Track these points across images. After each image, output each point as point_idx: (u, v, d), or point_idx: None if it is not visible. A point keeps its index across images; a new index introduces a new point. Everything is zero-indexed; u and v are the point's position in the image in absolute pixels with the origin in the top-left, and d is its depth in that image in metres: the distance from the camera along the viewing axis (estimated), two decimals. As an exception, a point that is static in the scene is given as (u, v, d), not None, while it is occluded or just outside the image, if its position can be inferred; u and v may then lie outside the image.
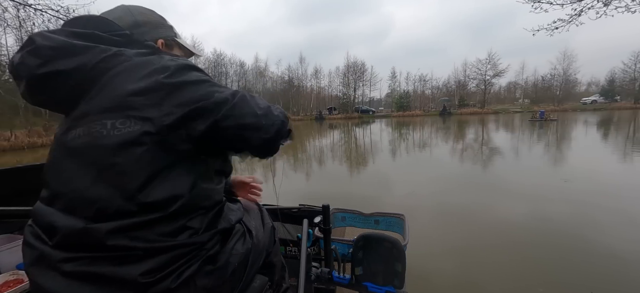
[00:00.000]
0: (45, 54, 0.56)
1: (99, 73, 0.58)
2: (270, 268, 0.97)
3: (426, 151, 10.35)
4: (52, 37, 0.57)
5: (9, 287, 1.02)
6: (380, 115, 48.52)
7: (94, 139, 0.54)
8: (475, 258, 2.72)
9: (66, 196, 0.53)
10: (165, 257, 0.52)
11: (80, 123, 0.56)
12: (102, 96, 0.57)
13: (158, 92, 0.56)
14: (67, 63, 0.56)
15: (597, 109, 39.01)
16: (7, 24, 7.66)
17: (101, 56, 0.58)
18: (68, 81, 0.57)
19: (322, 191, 5.48)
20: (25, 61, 0.57)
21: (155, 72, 0.57)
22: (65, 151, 0.56)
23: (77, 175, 0.53)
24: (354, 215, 2.28)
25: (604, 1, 4.42)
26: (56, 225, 0.51)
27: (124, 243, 0.50)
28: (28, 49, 0.57)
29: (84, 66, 0.57)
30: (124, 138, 0.53)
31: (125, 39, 0.64)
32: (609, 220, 3.44)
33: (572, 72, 47.66)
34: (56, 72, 0.56)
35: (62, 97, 0.60)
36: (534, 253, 2.76)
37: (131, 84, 0.56)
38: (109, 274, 0.49)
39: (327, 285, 1.49)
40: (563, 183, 5.10)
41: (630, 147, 8.86)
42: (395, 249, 1.41)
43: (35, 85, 0.58)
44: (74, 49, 0.58)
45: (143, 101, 0.55)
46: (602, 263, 2.52)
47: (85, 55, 0.58)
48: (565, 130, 15.43)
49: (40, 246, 0.52)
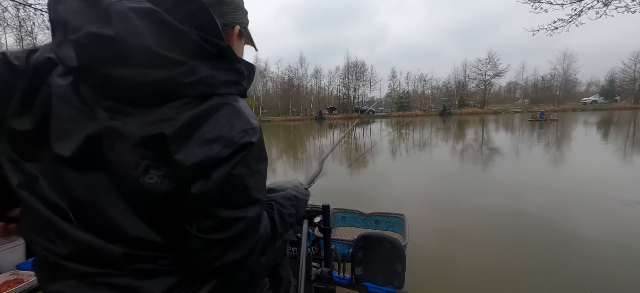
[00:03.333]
0: (119, 54, 0.43)
1: (166, 98, 0.46)
2: (278, 280, 0.97)
3: (426, 151, 10.35)
4: (139, 30, 0.43)
5: (9, 286, 1.02)
6: (380, 115, 48.52)
7: (128, 170, 0.45)
8: (476, 257, 2.72)
9: (74, 201, 0.47)
10: (183, 276, 0.52)
11: (117, 140, 0.45)
12: (149, 125, 0.44)
13: (203, 168, 0.45)
14: (144, 75, 0.44)
15: (597, 109, 39.03)
16: (7, 23, 7.66)
17: (183, 79, 0.45)
18: (127, 87, 0.45)
19: (322, 189, 5.45)
20: (88, 46, 0.42)
21: (220, 142, 0.46)
22: (90, 154, 0.46)
23: (94, 187, 0.47)
24: (354, 215, 2.28)
25: (604, 1, 4.42)
26: (64, 232, 0.47)
27: (141, 267, 0.49)
28: (98, 32, 0.42)
29: (159, 84, 0.44)
30: (161, 189, 0.45)
31: (219, 51, 0.50)
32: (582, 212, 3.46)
33: (572, 72, 47.78)
34: (123, 78, 0.44)
35: (109, 92, 0.47)
36: (534, 251, 2.77)
37: (188, 142, 0.45)
38: (125, 286, 0.48)
39: (327, 285, 1.49)
40: (557, 182, 5.10)
41: (630, 147, 8.86)
42: (395, 249, 1.41)
43: (80, 73, 0.45)
44: (157, 61, 0.44)
45: (187, 168, 0.45)
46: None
47: (167, 71, 0.44)
48: (565, 130, 15.43)
49: (49, 248, 0.48)
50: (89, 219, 0.47)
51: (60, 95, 0.47)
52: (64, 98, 0.47)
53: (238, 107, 0.51)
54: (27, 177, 0.48)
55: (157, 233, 0.49)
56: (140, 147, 0.44)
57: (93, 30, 0.41)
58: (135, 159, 0.44)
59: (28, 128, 0.48)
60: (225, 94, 0.50)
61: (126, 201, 0.47)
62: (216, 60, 0.49)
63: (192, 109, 0.46)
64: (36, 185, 0.47)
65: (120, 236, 0.47)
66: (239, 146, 0.47)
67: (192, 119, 0.45)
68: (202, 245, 0.49)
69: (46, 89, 0.49)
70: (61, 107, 0.47)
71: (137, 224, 0.47)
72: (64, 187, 0.47)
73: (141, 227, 0.47)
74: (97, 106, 0.46)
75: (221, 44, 0.50)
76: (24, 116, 0.49)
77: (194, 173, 0.45)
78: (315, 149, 11.99)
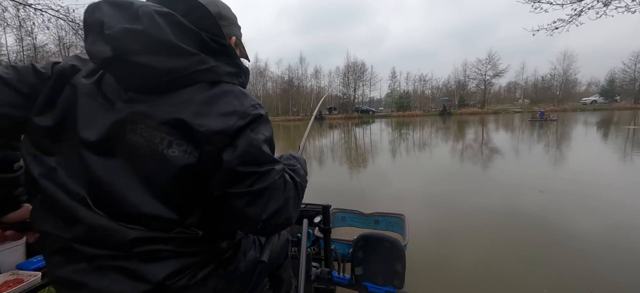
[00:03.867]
0: (146, 44, 0.51)
1: (183, 83, 0.54)
2: (278, 282, 0.98)
3: (425, 151, 10.35)
4: (162, 26, 0.52)
5: (9, 286, 1.02)
6: (380, 115, 48.52)
7: (151, 146, 0.52)
8: (476, 255, 2.72)
9: (94, 186, 0.52)
10: (188, 260, 0.57)
11: (142, 121, 0.52)
12: (172, 108, 0.53)
13: (226, 137, 0.53)
14: (164, 62, 0.52)
15: (597, 109, 39.02)
16: (7, 23, 7.67)
17: (196, 67, 0.54)
18: (151, 74, 0.52)
19: (321, 185, 5.48)
20: (122, 39, 0.50)
21: (235, 115, 0.54)
22: (113, 139, 0.53)
23: (114, 170, 0.53)
24: (354, 214, 2.28)
25: (604, 1, 4.42)
26: (79, 216, 0.51)
27: (148, 248, 0.53)
28: (130, 27, 0.50)
29: (177, 71, 0.53)
30: (182, 162, 0.52)
31: (223, 49, 0.60)
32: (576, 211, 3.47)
33: (572, 72, 47.69)
34: (148, 66, 0.51)
35: (131, 84, 0.54)
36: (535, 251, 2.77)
37: (207, 118, 0.53)
38: (133, 269, 0.52)
39: (327, 285, 1.49)
40: (557, 182, 5.10)
41: (630, 147, 8.86)
42: (395, 249, 1.41)
43: (113, 62, 0.52)
44: (177, 52, 0.53)
45: (209, 138, 0.52)
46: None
47: (183, 60, 0.53)
48: (565, 130, 15.43)
49: (60, 235, 0.53)
50: (105, 201, 0.52)
51: (85, 92, 0.56)
52: (88, 94, 0.56)
53: (244, 90, 0.61)
54: (47, 168, 0.54)
55: (173, 210, 0.54)
56: (165, 124, 0.52)
57: (126, 26, 0.50)
58: (160, 134, 0.52)
59: (49, 124, 0.55)
60: (229, 82, 0.59)
61: (143, 182, 0.53)
62: (220, 55, 0.59)
63: (206, 91, 0.55)
64: (55, 174, 0.53)
65: (134, 216, 0.52)
66: (252, 117, 0.56)
67: (207, 98, 0.54)
68: (249, 200, 0.56)
69: (69, 90, 0.57)
70: (86, 101, 0.55)
71: (154, 203, 0.53)
72: (84, 172, 0.53)
73: (157, 206, 0.53)
74: (118, 99, 0.54)
75: (224, 42, 0.60)
76: (46, 113, 0.56)
77: (218, 142, 0.53)
78: (316, 149, 11.99)
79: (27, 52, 22.94)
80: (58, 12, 5.69)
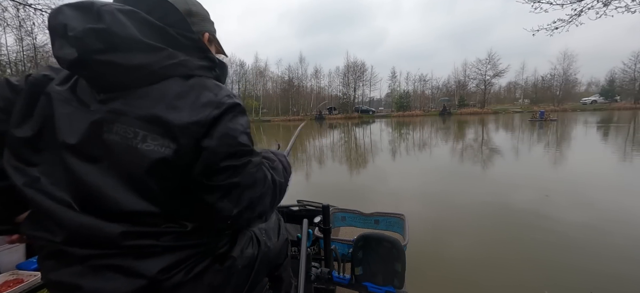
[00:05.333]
0: (110, 42, 0.51)
1: (154, 78, 0.54)
2: (278, 282, 0.98)
3: (425, 151, 10.35)
4: (125, 24, 0.52)
5: (9, 286, 1.02)
6: (380, 115, 48.51)
7: (126, 142, 0.52)
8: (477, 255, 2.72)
9: (77, 190, 0.52)
10: (182, 254, 0.57)
11: (117, 120, 0.52)
12: (146, 104, 0.53)
13: (202, 127, 0.53)
14: (130, 58, 0.52)
15: (597, 109, 39.01)
16: (7, 23, 7.66)
17: (165, 62, 0.55)
18: (119, 72, 0.53)
19: (321, 185, 5.49)
20: (85, 39, 0.50)
21: (210, 105, 0.54)
22: (92, 140, 0.53)
23: (95, 171, 0.52)
24: (354, 214, 2.28)
25: (604, 1, 4.42)
26: (66, 219, 0.51)
27: (139, 243, 0.53)
28: (93, 26, 0.50)
29: (145, 67, 0.53)
30: (157, 155, 0.52)
31: (192, 44, 0.60)
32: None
33: (572, 72, 47.73)
34: (114, 63, 0.52)
35: (102, 84, 0.55)
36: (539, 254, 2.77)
37: (181, 111, 0.53)
38: (127, 267, 0.52)
39: (327, 285, 1.49)
40: (558, 182, 5.10)
41: (630, 147, 8.86)
42: (395, 249, 1.41)
43: (79, 63, 0.52)
44: (143, 48, 0.53)
45: (184, 130, 0.52)
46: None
47: (151, 56, 0.54)
48: (565, 130, 15.43)
49: (50, 239, 0.53)
50: (90, 202, 0.52)
51: (60, 98, 0.56)
52: (63, 100, 0.55)
53: (218, 83, 0.60)
54: (30, 178, 0.54)
55: (155, 204, 0.54)
56: (139, 120, 0.52)
57: (89, 25, 0.50)
58: (134, 129, 0.52)
59: (28, 134, 0.55)
60: (203, 76, 0.59)
61: (124, 179, 0.52)
62: (190, 49, 0.59)
63: (179, 85, 0.55)
64: (38, 183, 0.53)
65: (120, 213, 0.52)
66: (227, 106, 0.56)
67: (180, 92, 0.54)
68: (223, 194, 0.55)
69: (44, 99, 0.56)
70: (62, 107, 0.55)
71: (135, 199, 0.52)
72: (68, 176, 0.53)
73: (138, 202, 0.53)
74: (92, 102, 0.54)
75: (193, 37, 0.60)
76: (24, 124, 0.56)
77: (194, 133, 0.53)
78: (316, 149, 12.00)
79: (27, 52, 22.93)
80: (58, 12, 5.69)
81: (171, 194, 0.55)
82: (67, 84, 0.57)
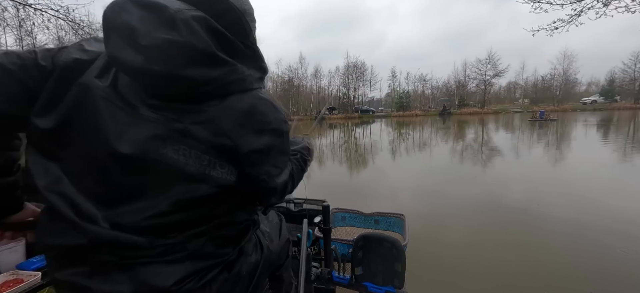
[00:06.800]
0: (186, 56, 0.48)
1: (218, 93, 0.53)
2: (279, 282, 0.98)
3: (425, 151, 10.35)
4: (201, 36, 0.49)
5: (9, 286, 1.02)
6: (380, 115, 48.49)
7: (194, 166, 0.51)
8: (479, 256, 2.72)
9: (110, 198, 0.50)
10: (197, 266, 0.56)
11: (184, 141, 0.50)
12: (212, 127, 0.52)
13: (262, 155, 0.58)
14: (201, 73, 0.49)
15: (597, 110, 38.99)
16: (7, 23, 7.65)
17: (231, 77, 0.53)
18: (184, 85, 0.50)
19: (321, 185, 5.48)
20: (159, 51, 0.46)
21: (271, 133, 0.59)
22: (148, 154, 0.50)
23: (140, 185, 0.51)
24: (354, 214, 2.28)
25: (604, 1, 4.42)
26: (88, 230, 0.49)
27: (162, 253, 0.52)
28: (170, 38, 0.46)
29: (213, 82, 0.51)
30: (223, 182, 0.54)
31: (252, 53, 0.59)
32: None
33: (572, 72, 47.69)
34: (184, 78, 0.49)
35: (159, 93, 0.51)
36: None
37: (245, 136, 0.54)
38: (142, 275, 0.50)
39: (327, 285, 1.49)
40: (558, 182, 5.10)
41: (630, 148, 8.86)
42: (395, 249, 1.41)
43: (146, 73, 0.48)
44: (213, 62, 0.50)
45: (247, 158, 0.56)
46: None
47: (219, 70, 0.51)
48: (565, 130, 15.42)
49: (67, 244, 0.50)
50: (122, 214, 0.49)
51: (103, 96, 0.50)
52: (107, 98, 0.50)
53: (271, 99, 0.61)
54: (52, 178, 0.50)
55: (188, 218, 0.53)
56: (205, 145, 0.51)
57: (164, 36, 0.46)
58: (200, 154, 0.51)
59: (53, 126, 0.51)
60: (257, 89, 0.59)
61: (170, 198, 0.50)
62: (250, 60, 0.58)
63: (241, 104, 0.55)
64: (61, 185, 0.50)
65: (150, 227, 0.50)
66: (281, 132, 0.62)
67: (244, 113, 0.55)
68: (290, 179, 0.68)
69: (80, 92, 0.51)
70: (107, 107, 0.50)
71: (173, 215, 0.51)
72: (101, 181, 0.50)
73: (175, 216, 0.51)
74: (141, 104, 0.50)
75: (254, 47, 0.60)
76: (48, 115, 0.51)
77: (255, 160, 0.56)
78: (316, 149, 12.00)
79: (26, 52, 22.83)
80: (58, 12, 5.69)
81: (216, 212, 0.57)
82: (106, 78, 0.52)
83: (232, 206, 0.60)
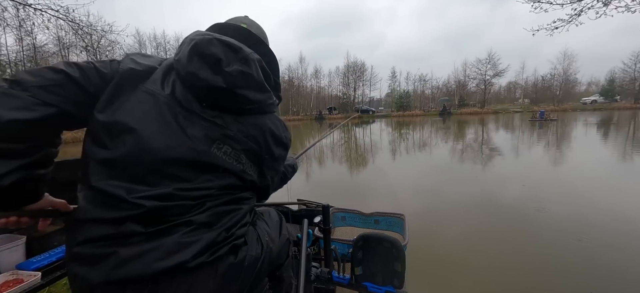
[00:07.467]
0: (249, 82, 0.71)
1: (259, 111, 0.76)
2: (279, 282, 0.98)
3: (425, 151, 10.35)
4: (258, 70, 0.73)
5: (9, 286, 1.02)
6: (380, 115, 48.47)
7: (233, 164, 0.70)
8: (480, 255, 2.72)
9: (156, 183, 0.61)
10: (211, 237, 0.63)
11: (227, 142, 0.69)
12: (250, 134, 0.73)
13: (275, 162, 0.82)
14: (253, 95, 0.72)
15: (597, 109, 38.97)
16: (7, 23, 7.66)
17: (268, 101, 0.77)
18: (241, 102, 0.71)
19: (321, 185, 5.49)
20: (236, 78, 0.68)
21: (282, 146, 0.84)
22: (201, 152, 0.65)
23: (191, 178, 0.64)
24: (354, 214, 2.28)
25: (604, 1, 4.42)
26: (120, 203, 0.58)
27: (183, 229, 0.61)
28: (244, 70, 0.69)
29: (258, 103, 0.74)
30: (249, 178, 0.74)
31: (277, 85, 0.84)
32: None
33: (572, 72, 47.72)
34: (245, 98, 0.71)
35: (217, 104, 0.70)
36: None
37: (271, 146, 0.78)
38: (165, 245, 0.58)
39: (327, 285, 1.49)
40: (558, 182, 5.10)
41: (630, 148, 8.86)
42: (395, 249, 1.41)
43: (221, 92, 0.67)
44: (262, 89, 0.74)
45: (269, 163, 0.79)
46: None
47: (263, 95, 0.75)
48: (565, 130, 15.42)
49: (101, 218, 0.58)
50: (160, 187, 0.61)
51: (165, 101, 0.66)
52: (168, 103, 0.66)
53: (280, 120, 0.84)
54: (103, 173, 0.60)
55: (217, 202, 0.67)
56: (244, 150, 0.72)
57: (242, 69, 0.70)
58: (239, 154, 0.71)
59: (107, 120, 0.61)
60: (274, 112, 0.82)
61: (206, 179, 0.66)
62: (275, 90, 0.82)
63: (269, 122, 0.78)
64: (110, 169, 0.60)
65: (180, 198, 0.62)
66: (288, 147, 0.87)
67: (271, 130, 0.78)
68: (276, 184, 0.98)
69: (138, 94, 0.65)
70: (171, 110, 0.65)
71: (201, 192, 0.64)
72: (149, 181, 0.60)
73: (202, 192, 0.65)
74: (197, 111, 0.67)
75: (279, 82, 0.85)
76: (106, 110, 0.63)
77: (270, 167, 0.81)
78: (316, 149, 11.99)
79: (26, 52, 22.92)
80: (58, 12, 5.69)
81: (232, 193, 0.71)
82: (165, 87, 0.68)
83: (245, 196, 0.74)
